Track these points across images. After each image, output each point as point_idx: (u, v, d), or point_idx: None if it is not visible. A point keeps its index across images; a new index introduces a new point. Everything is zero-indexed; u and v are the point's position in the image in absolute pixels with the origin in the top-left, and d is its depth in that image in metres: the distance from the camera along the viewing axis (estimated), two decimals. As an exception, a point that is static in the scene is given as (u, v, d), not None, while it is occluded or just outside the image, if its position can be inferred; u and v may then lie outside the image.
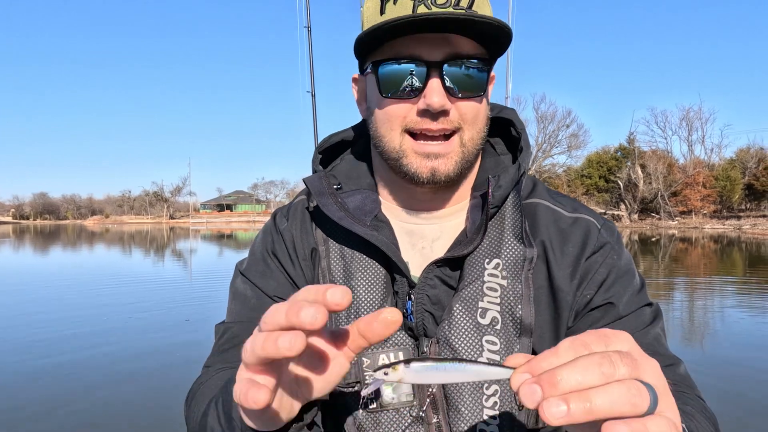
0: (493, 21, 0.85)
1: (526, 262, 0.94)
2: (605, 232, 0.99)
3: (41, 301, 10.22)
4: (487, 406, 0.88)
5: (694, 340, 7.25)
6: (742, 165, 54.05)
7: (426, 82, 0.89)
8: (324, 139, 1.14)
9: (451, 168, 0.93)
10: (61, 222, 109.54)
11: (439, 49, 0.89)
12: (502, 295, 0.92)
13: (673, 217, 50.70)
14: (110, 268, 17.18)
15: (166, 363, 5.97)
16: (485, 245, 0.95)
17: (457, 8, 0.87)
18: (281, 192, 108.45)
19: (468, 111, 0.92)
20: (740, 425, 4.32)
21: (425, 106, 0.89)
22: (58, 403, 4.75)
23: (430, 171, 0.93)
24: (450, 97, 0.90)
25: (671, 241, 29.95)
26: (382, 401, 0.91)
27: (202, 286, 12.69)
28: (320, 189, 1.02)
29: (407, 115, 0.92)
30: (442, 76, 0.89)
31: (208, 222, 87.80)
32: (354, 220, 0.97)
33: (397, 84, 0.91)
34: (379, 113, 0.96)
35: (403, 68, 0.90)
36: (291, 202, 1.14)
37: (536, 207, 1.02)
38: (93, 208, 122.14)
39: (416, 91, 0.90)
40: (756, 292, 11.44)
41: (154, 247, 29.05)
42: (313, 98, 6.57)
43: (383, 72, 0.91)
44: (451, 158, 0.93)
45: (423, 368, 0.52)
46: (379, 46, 0.92)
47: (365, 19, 0.94)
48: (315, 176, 1.05)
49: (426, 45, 0.88)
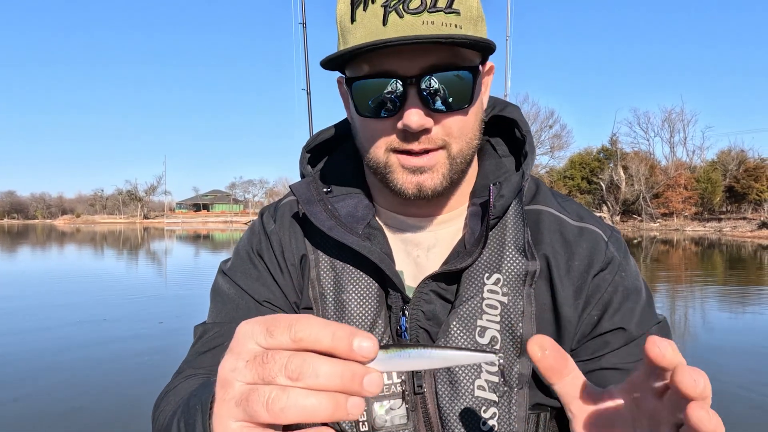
0: (464, 39, 0.77)
1: (528, 276, 0.89)
2: (613, 246, 0.95)
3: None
4: (485, 430, 0.85)
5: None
6: (723, 167, 54.61)
7: (403, 99, 0.81)
8: (311, 137, 1.07)
9: (437, 182, 0.87)
10: (29, 221, 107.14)
11: (415, 62, 0.80)
12: (503, 312, 0.88)
13: (655, 219, 51.09)
14: (80, 269, 16.65)
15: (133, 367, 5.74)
16: (485, 258, 0.90)
17: (433, 10, 0.78)
18: (260, 191, 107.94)
19: (453, 125, 0.85)
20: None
21: (403, 126, 0.82)
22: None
23: (416, 186, 0.87)
24: (431, 114, 0.82)
25: (653, 243, 30.21)
26: (375, 424, 0.87)
27: (177, 288, 12.55)
28: (308, 197, 0.96)
29: (389, 134, 0.86)
30: (420, 92, 0.81)
31: (184, 222, 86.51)
32: (345, 228, 0.92)
33: (372, 102, 0.84)
34: (361, 130, 0.90)
35: (377, 85, 0.82)
36: (279, 200, 1.08)
37: (540, 214, 0.96)
38: (63, 208, 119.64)
39: (394, 109, 0.82)
40: (736, 294, 11.92)
41: (128, 248, 28.58)
42: (309, 96, 6.54)
43: (357, 90, 0.84)
44: (437, 171, 0.87)
45: (386, 357, 0.50)
46: (353, 60, 0.84)
47: (338, 23, 0.87)
48: (303, 183, 1.00)
49: (400, 58, 0.80)
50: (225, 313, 0.97)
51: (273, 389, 0.45)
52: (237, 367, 0.48)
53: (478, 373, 0.86)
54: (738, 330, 8.28)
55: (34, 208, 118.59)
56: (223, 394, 0.49)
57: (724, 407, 4.65)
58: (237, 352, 0.48)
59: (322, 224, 0.92)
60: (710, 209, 53.20)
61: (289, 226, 1.01)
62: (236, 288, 0.99)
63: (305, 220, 0.98)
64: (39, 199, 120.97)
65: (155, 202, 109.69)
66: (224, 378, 0.49)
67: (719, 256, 22.46)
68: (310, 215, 0.93)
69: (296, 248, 0.99)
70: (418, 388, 0.86)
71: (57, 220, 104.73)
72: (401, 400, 0.87)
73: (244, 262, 1.01)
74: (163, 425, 0.77)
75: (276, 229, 1.01)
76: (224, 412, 0.48)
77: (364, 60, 0.82)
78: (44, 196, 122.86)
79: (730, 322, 8.88)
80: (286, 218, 1.02)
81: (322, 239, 0.96)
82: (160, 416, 0.82)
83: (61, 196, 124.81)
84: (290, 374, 0.45)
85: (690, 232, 42.82)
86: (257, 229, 1.05)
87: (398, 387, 0.88)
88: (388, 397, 0.88)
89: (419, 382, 0.86)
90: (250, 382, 0.47)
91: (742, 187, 51.26)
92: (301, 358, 0.45)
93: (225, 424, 0.48)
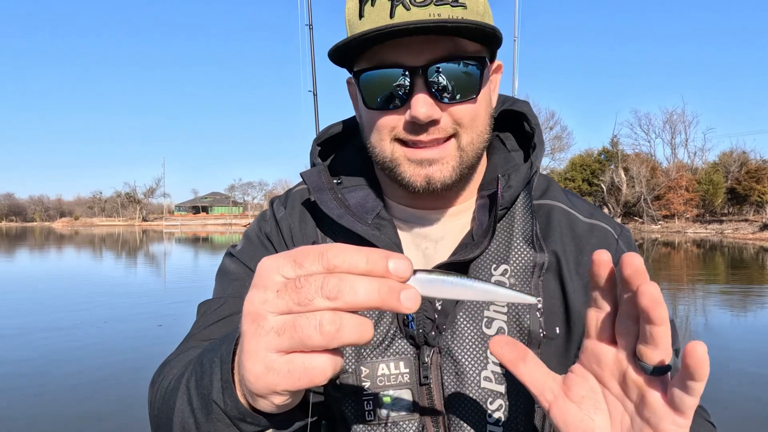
0: (469, 24, 0.78)
1: (536, 268, 0.89)
2: (623, 243, 0.97)
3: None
4: (491, 422, 0.85)
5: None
6: (724, 169, 54.45)
7: (411, 90, 0.82)
8: (323, 130, 1.08)
9: (447, 174, 0.87)
10: (28, 224, 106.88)
11: (422, 53, 0.81)
12: (509, 304, 0.88)
13: (656, 221, 50.78)
14: (78, 272, 16.52)
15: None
16: (492, 249, 0.91)
17: (440, 3, 0.80)
18: (259, 194, 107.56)
19: (463, 115, 0.85)
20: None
21: (411, 118, 0.83)
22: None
23: (425, 179, 0.87)
24: (439, 104, 0.83)
25: (654, 245, 30.11)
26: (382, 414, 0.87)
27: (176, 290, 12.37)
28: (318, 184, 0.96)
29: (396, 126, 0.86)
30: (428, 83, 0.81)
31: (183, 224, 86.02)
32: (355, 217, 0.92)
33: (380, 94, 0.84)
34: (367, 123, 0.91)
35: (385, 77, 0.83)
36: (290, 189, 1.08)
37: (551, 209, 0.97)
38: (62, 210, 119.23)
39: (402, 100, 0.83)
40: (739, 294, 12.02)
41: (126, 250, 28.39)
42: (315, 97, 6.54)
43: (365, 83, 0.85)
44: (447, 163, 0.87)
45: (428, 279, 0.49)
46: (361, 54, 0.85)
47: (347, 22, 0.88)
48: (313, 170, 1.00)
49: (408, 49, 0.81)
50: (232, 289, 0.95)
51: (324, 312, 0.44)
52: (268, 299, 0.46)
53: (485, 364, 0.85)
54: (742, 331, 8.39)
55: (32, 210, 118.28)
56: (256, 329, 0.47)
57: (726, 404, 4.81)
58: (263, 285, 0.47)
59: (331, 212, 0.92)
60: (712, 211, 53.03)
61: (300, 213, 1.01)
62: (244, 267, 0.97)
63: (315, 207, 0.97)
64: (37, 202, 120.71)
65: (154, 205, 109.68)
66: (255, 312, 0.47)
67: (720, 258, 22.40)
68: (320, 203, 0.93)
69: (306, 234, 0.98)
70: (424, 379, 0.86)
71: (55, 222, 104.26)
72: (408, 390, 0.87)
73: (253, 244, 1.01)
74: (168, 389, 0.72)
75: (286, 216, 1.01)
76: (261, 346, 0.47)
77: (372, 53, 0.83)
78: (42, 198, 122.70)
79: (733, 322, 9.00)
80: (296, 205, 1.02)
81: (331, 227, 0.96)
82: (162, 383, 0.76)
83: (59, 198, 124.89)
84: (328, 294, 0.44)
85: (691, 234, 42.55)
86: (268, 215, 1.04)
87: (405, 377, 0.87)
88: (395, 387, 0.87)
89: (425, 373, 0.86)
90: (284, 311, 0.45)
91: (743, 188, 50.99)
92: (338, 278, 0.44)
93: (261, 357, 0.47)
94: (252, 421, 0.57)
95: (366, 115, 0.89)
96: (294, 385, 0.47)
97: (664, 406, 0.53)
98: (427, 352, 0.87)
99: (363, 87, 0.85)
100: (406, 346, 0.88)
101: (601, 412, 0.60)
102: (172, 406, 0.67)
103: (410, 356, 0.88)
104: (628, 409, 0.58)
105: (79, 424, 4.70)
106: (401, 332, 0.88)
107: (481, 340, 0.86)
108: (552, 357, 0.87)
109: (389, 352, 0.88)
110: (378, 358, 0.87)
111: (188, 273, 17.04)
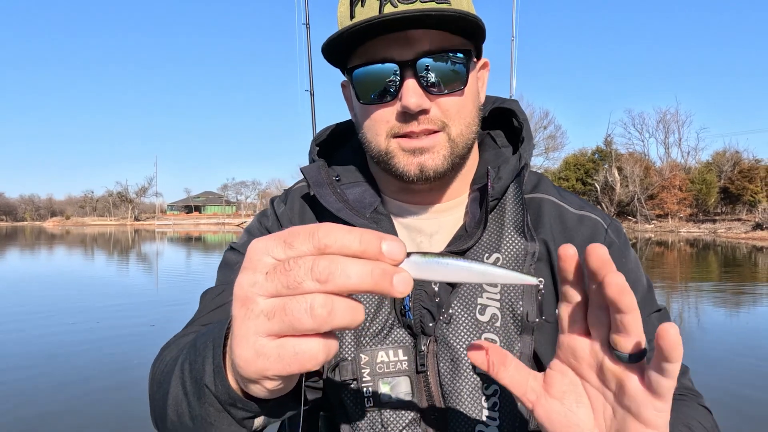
0: (453, 13, 0.82)
1: (528, 256, 0.91)
2: (612, 233, 0.99)
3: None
4: (487, 407, 0.86)
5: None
6: (717, 168, 54.60)
7: (401, 83, 0.87)
8: (321, 130, 1.12)
9: (439, 162, 0.90)
10: (18, 224, 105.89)
11: (410, 48, 0.86)
12: (502, 290, 0.90)
13: (650, 220, 50.91)
14: (68, 271, 16.32)
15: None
16: (485, 239, 0.93)
17: (426, 0, 0.85)
18: (252, 193, 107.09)
19: (450, 107, 0.90)
20: None
21: (402, 108, 0.87)
22: None
23: (418, 167, 0.90)
24: (428, 95, 0.87)
25: (647, 245, 30.09)
26: (379, 402, 0.89)
27: (168, 290, 12.30)
28: (318, 179, 1.00)
29: (389, 119, 0.90)
30: (417, 75, 0.86)
31: (175, 224, 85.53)
32: (353, 212, 0.96)
33: (372, 89, 0.89)
34: (362, 119, 0.94)
35: (376, 72, 0.88)
36: (290, 187, 1.12)
37: (541, 201, 1.00)
38: (53, 209, 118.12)
39: (392, 93, 0.88)
40: (731, 292, 12.12)
41: (118, 250, 28.13)
42: (312, 97, 6.39)
43: (357, 78, 0.90)
44: (437, 152, 0.90)
45: (424, 261, 0.48)
46: (353, 52, 0.91)
47: (339, 25, 0.92)
48: (313, 166, 1.03)
49: (397, 45, 0.86)
50: (233, 276, 0.95)
51: (316, 295, 0.43)
52: (257, 281, 0.45)
53: None
54: (733, 328, 8.42)
55: (23, 210, 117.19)
56: (246, 312, 0.46)
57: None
58: (253, 268, 0.46)
59: (330, 206, 0.95)
60: (705, 210, 53.15)
61: (300, 207, 1.04)
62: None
63: (315, 202, 1.00)
64: (28, 201, 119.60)
65: (146, 204, 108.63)
66: (244, 295, 0.47)
67: (713, 257, 22.49)
68: (319, 197, 0.96)
69: None
70: (420, 366, 0.87)
71: (46, 222, 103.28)
72: (406, 377, 0.88)
73: (254, 237, 1.01)
74: (164, 372, 0.72)
75: (286, 211, 1.04)
76: (251, 330, 0.46)
77: (363, 49, 0.88)
78: (33, 197, 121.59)
79: (725, 319, 9.08)
80: (296, 201, 1.05)
81: (330, 221, 0.95)
82: (159, 366, 0.77)
83: (50, 197, 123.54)
84: (318, 276, 0.43)
85: (685, 233, 42.70)
86: (268, 212, 1.07)
87: (404, 365, 0.89)
88: (392, 374, 0.88)
89: (422, 360, 0.88)
90: (274, 294, 0.45)
91: (736, 188, 51.19)
92: (328, 260, 0.43)
93: (250, 342, 0.46)
94: (243, 407, 0.57)
95: (360, 110, 0.93)
96: (284, 370, 0.46)
97: (643, 392, 0.53)
98: (424, 340, 0.89)
99: (356, 83, 0.90)
100: (404, 335, 0.90)
101: (583, 405, 0.60)
102: (166, 389, 0.68)
103: (408, 345, 0.89)
104: (609, 399, 0.58)
105: (67, 422, 4.58)
106: (399, 322, 0.90)
107: (476, 328, 0.87)
108: (546, 344, 0.89)
109: (388, 341, 0.89)
110: (377, 346, 0.89)
111: (181, 272, 16.82)
